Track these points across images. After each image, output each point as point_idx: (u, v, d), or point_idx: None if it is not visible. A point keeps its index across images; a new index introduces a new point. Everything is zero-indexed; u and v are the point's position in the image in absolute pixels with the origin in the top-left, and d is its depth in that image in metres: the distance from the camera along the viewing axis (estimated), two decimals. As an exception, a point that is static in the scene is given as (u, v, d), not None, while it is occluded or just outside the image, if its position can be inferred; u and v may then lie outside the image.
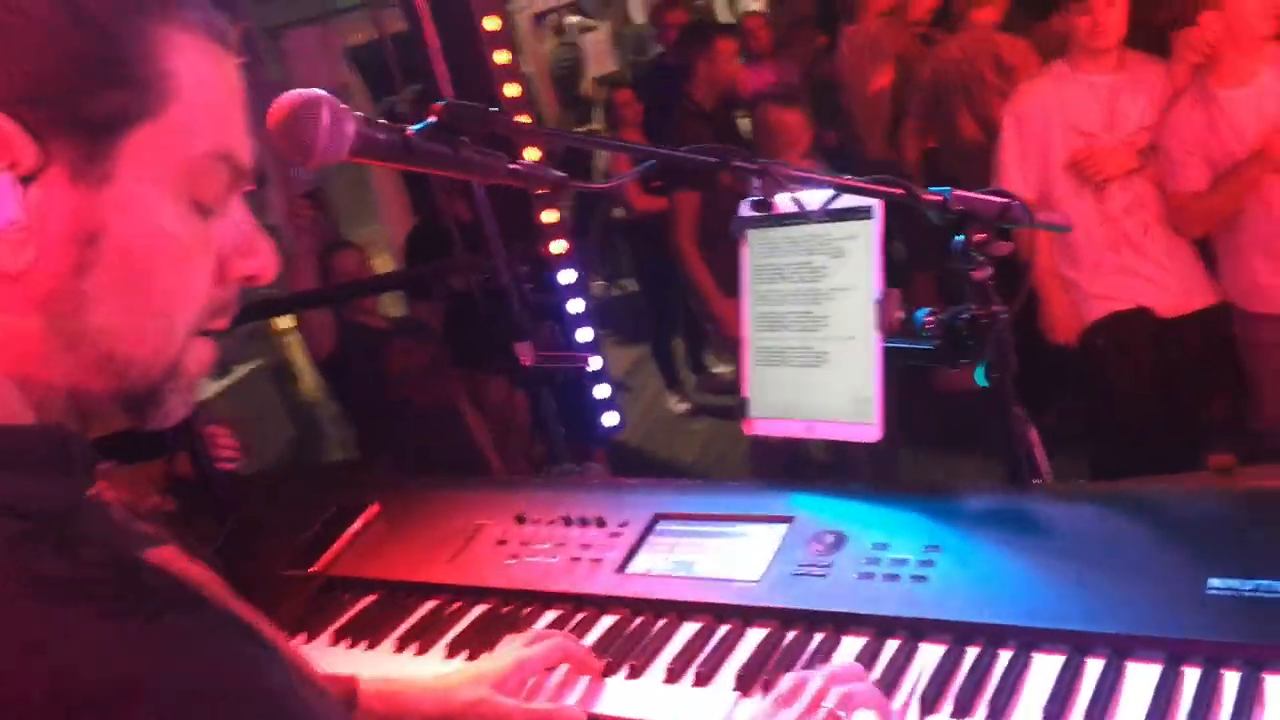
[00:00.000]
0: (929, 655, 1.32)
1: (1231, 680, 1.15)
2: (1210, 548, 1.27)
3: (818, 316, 1.63)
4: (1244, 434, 3.75)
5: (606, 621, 1.56)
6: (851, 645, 1.37)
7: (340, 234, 5.64)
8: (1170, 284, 3.49)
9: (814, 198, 1.56)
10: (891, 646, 1.34)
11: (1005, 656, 1.27)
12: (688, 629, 1.49)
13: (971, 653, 1.30)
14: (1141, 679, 1.19)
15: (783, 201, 1.59)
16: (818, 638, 1.40)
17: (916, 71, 4.54)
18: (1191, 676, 1.17)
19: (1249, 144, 3.19)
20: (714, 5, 10.76)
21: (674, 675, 1.39)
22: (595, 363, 3.29)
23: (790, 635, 1.42)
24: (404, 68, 5.24)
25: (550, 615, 1.62)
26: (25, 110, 0.68)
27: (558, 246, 3.26)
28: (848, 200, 1.54)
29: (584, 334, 3.27)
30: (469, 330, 3.67)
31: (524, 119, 3.53)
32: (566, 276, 3.26)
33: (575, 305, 3.25)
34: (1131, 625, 1.24)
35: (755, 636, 1.43)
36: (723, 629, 1.46)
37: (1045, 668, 1.24)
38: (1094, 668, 1.22)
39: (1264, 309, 3.41)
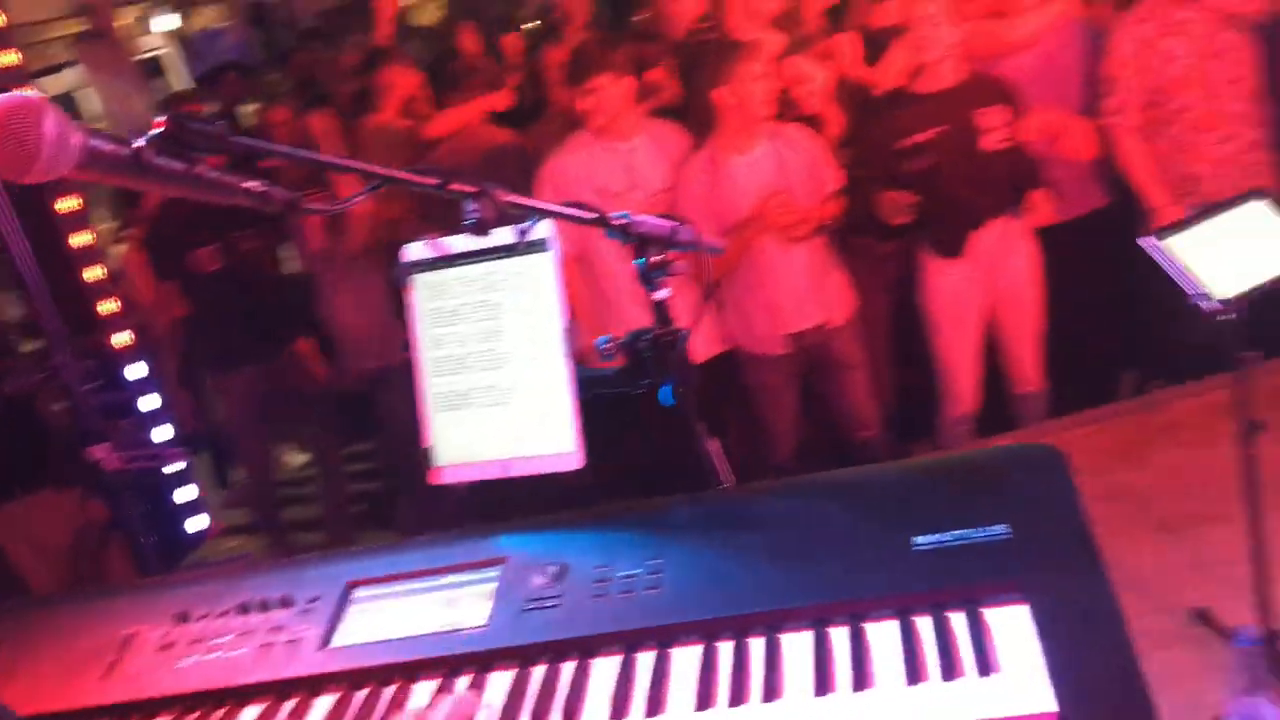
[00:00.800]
0: (686, 657, 1.34)
1: (958, 620, 1.29)
2: (906, 513, 1.42)
3: (501, 353, 1.62)
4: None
5: (325, 702, 1.42)
6: (606, 666, 1.36)
7: None
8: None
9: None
10: (647, 658, 1.35)
11: (758, 643, 1.33)
12: (423, 688, 1.40)
13: (725, 646, 1.34)
14: (884, 635, 1.29)
15: (454, 242, 1.58)
16: (568, 667, 1.37)
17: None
18: (924, 624, 1.29)
19: (748, 206, 3.64)
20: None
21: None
22: (178, 463, 2.99)
23: (538, 671, 1.38)
24: None
25: (253, 710, 1.44)
26: None
27: (121, 339, 2.94)
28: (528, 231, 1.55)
29: (161, 433, 2.96)
30: (24, 441, 3.18)
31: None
32: (135, 371, 2.94)
33: (148, 402, 2.94)
34: (861, 591, 1.34)
35: (501, 680, 1.38)
36: (463, 680, 1.39)
37: (797, 644, 1.31)
38: (839, 635, 1.31)
39: (763, 351, 3.86)
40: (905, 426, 4.36)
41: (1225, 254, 2.47)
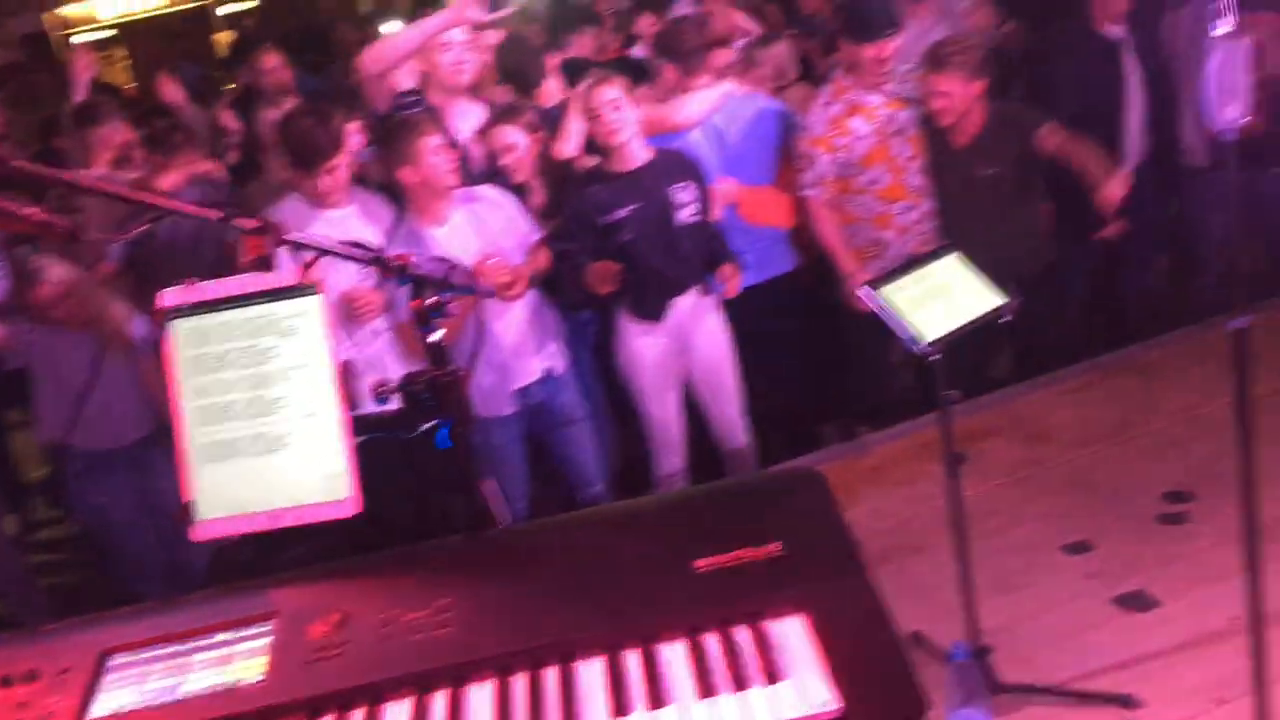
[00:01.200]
0: (482, 694, 1.33)
1: (743, 635, 1.36)
2: (686, 538, 1.48)
3: (270, 400, 1.57)
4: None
5: (87, 778, 1.31)
6: (398, 710, 1.33)
7: None
8: None
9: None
10: (442, 699, 1.34)
11: (552, 673, 1.35)
12: (200, 752, 1.32)
13: (520, 679, 1.34)
14: (675, 655, 1.34)
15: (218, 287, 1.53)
16: (358, 715, 1.33)
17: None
18: (712, 641, 1.36)
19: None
20: None
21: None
22: None
23: (327, 721, 1.33)
24: None
25: (-2, 796, 1.31)
26: None
27: None
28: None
29: None
30: None
31: None
32: None
33: None
34: (649, 615, 1.39)
35: (285, 735, 1.32)
36: (245, 739, 1.32)
37: (591, 671, 1.34)
38: (632, 659, 1.35)
39: (491, 413, 3.88)
40: (626, 483, 4.47)
41: (929, 302, 2.74)
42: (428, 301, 1.54)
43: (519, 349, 3.83)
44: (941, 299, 2.82)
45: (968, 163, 4.14)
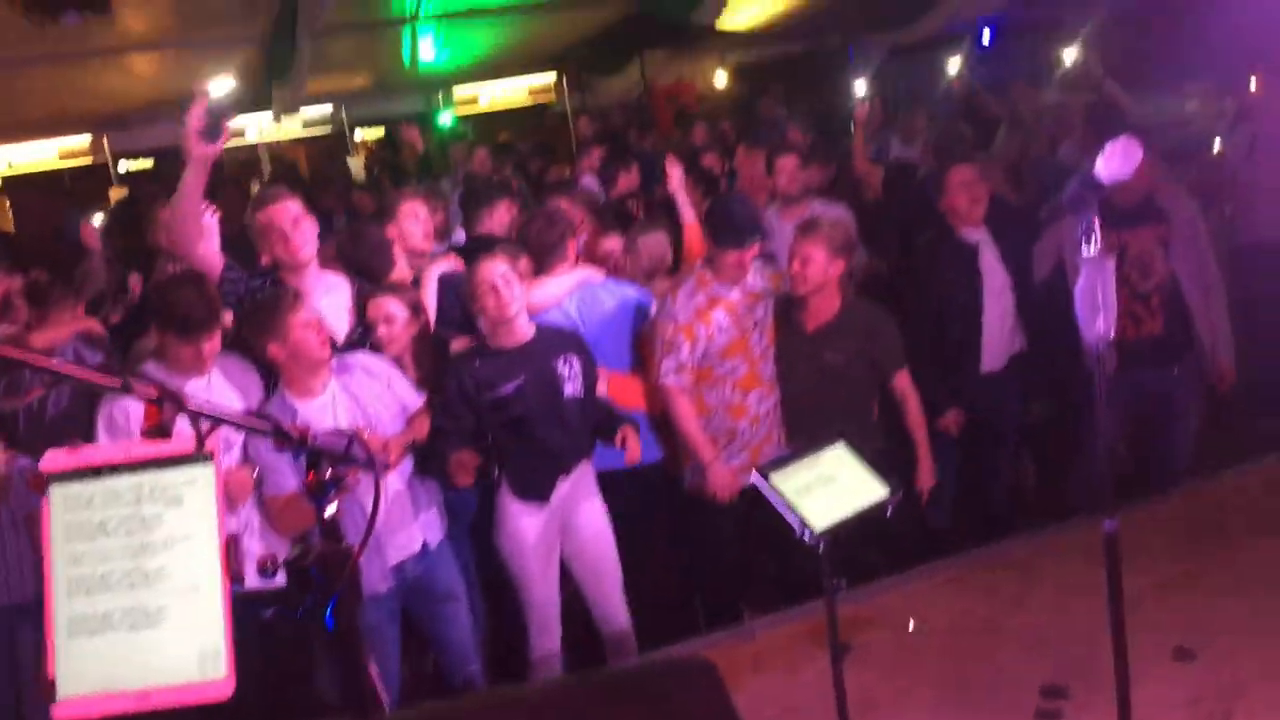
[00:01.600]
0: None
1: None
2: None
3: (150, 571, 1.50)
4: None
5: None
6: None
7: None
8: None
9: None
10: None
11: None
12: None
13: None
14: None
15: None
16: None
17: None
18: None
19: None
20: None
21: None
22: None
23: None
24: None
25: None
26: None
27: None
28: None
29: None
30: None
31: None
32: None
33: None
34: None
35: None
36: None
37: None
38: None
39: (366, 591, 3.76)
40: (500, 664, 4.33)
41: (817, 490, 2.81)
42: (325, 475, 1.52)
43: (394, 522, 3.72)
44: (830, 487, 2.89)
45: (815, 349, 4.33)
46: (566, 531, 4.04)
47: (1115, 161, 2.58)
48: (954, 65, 9.18)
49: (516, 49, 13.00)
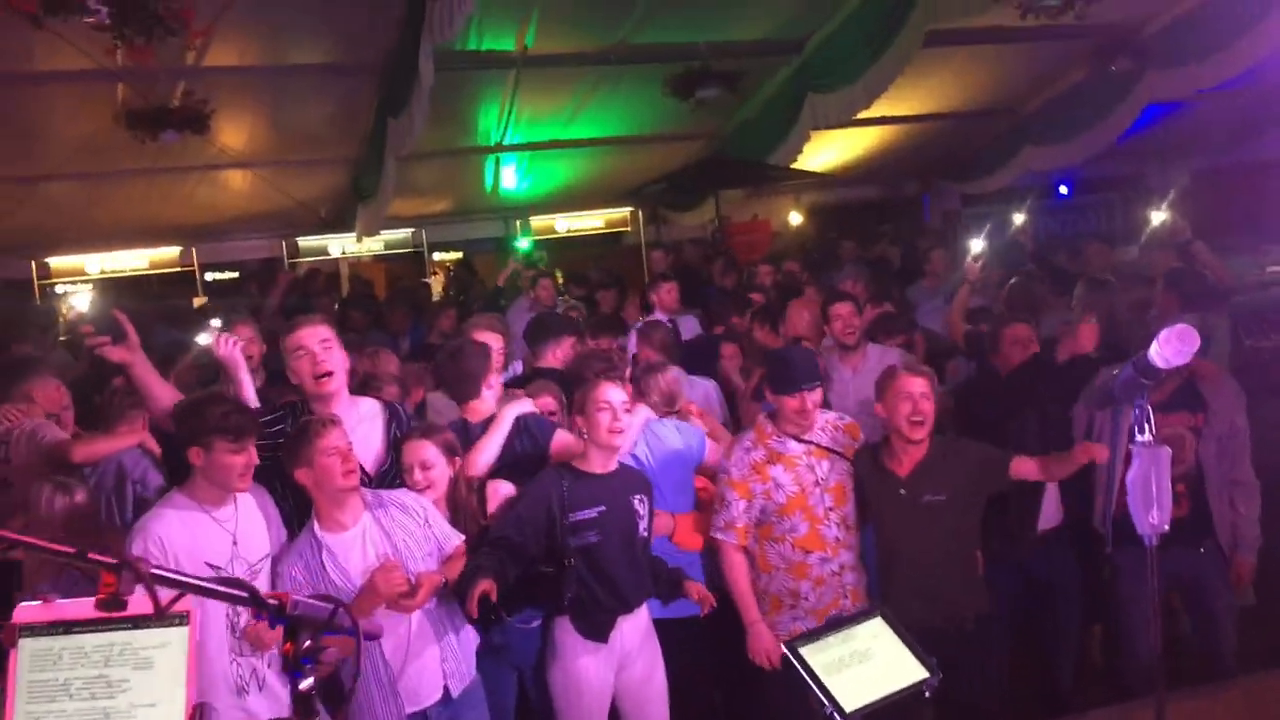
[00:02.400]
0: None
1: None
2: None
3: (111, 737, 1.43)
4: None
5: None
6: None
7: None
8: None
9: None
10: None
11: None
12: None
13: None
14: None
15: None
16: None
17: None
18: None
19: (357, 581, 3.45)
20: None
21: None
22: None
23: None
24: None
25: None
26: None
27: None
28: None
29: None
30: None
31: None
32: None
33: None
34: None
35: None
36: None
37: None
38: None
39: None
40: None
41: (851, 667, 2.65)
42: (302, 645, 1.44)
43: (416, 667, 3.56)
44: (864, 665, 2.74)
45: (914, 492, 4.08)
46: (620, 670, 3.90)
47: (1172, 348, 2.47)
48: (1019, 218, 9.12)
49: (595, 182, 13.28)
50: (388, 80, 9.23)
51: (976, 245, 6.99)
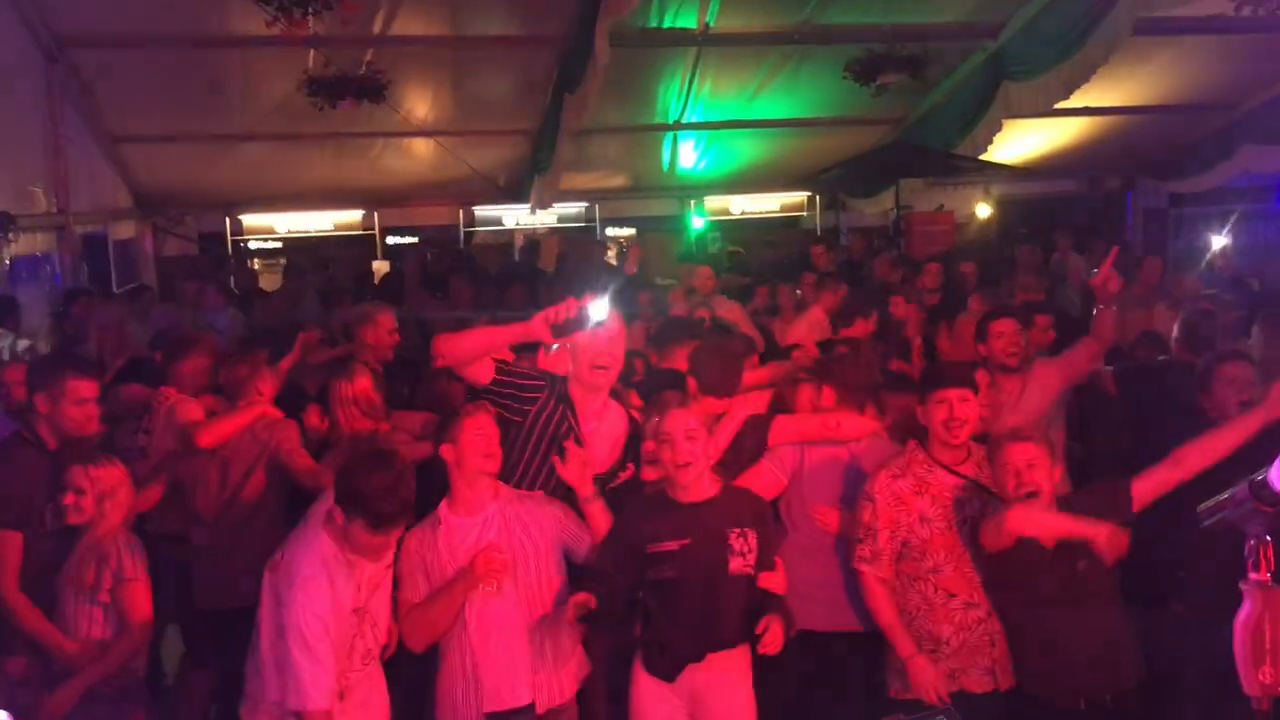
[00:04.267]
0: None
1: None
2: None
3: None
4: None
5: None
6: None
7: None
8: None
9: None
10: None
11: None
12: None
13: None
14: None
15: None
16: None
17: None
18: None
19: (463, 563, 3.36)
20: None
21: None
22: None
23: None
24: None
25: None
26: None
27: None
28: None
29: None
30: None
31: None
32: None
33: None
34: None
35: None
36: None
37: None
38: None
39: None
40: None
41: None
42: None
43: (503, 665, 3.42)
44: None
45: (1067, 557, 3.49)
46: (694, 702, 3.53)
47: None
48: (1219, 241, 8.27)
49: (773, 164, 12.99)
50: (565, 54, 9.21)
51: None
